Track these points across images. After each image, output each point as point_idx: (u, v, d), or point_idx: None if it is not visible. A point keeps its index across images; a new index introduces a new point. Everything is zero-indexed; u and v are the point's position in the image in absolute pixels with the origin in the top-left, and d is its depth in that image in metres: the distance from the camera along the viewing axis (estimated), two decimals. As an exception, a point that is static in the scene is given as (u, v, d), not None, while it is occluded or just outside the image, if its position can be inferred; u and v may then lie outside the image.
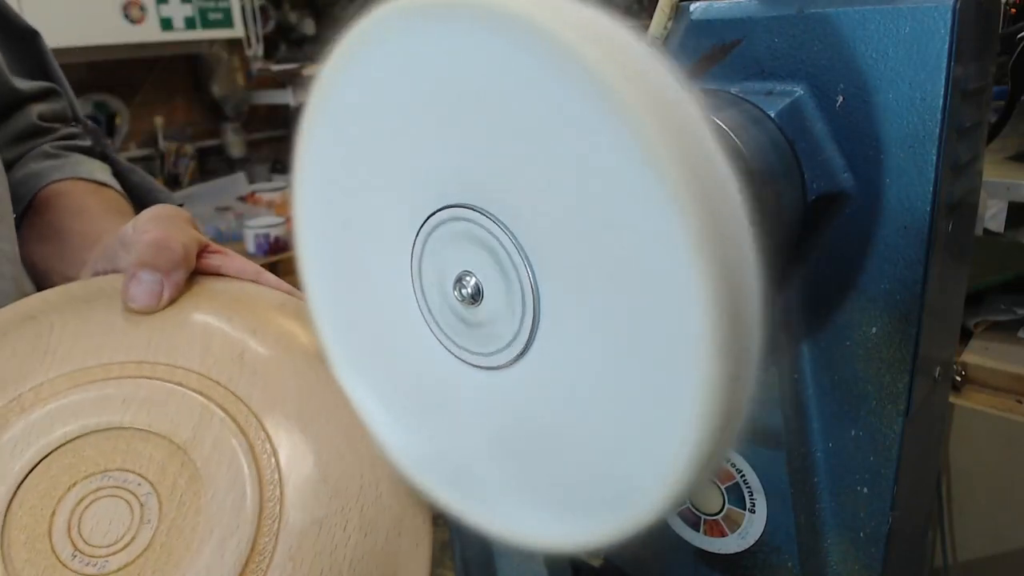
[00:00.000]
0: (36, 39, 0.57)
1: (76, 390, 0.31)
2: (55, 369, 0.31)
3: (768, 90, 0.34)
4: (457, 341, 0.25)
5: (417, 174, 0.24)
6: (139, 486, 0.29)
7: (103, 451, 0.30)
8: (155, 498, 0.29)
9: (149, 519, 0.28)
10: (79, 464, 0.29)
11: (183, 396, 0.31)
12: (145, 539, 0.28)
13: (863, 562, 0.39)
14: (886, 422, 0.35)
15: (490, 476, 0.26)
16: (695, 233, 0.17)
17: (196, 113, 2.44)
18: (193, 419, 0.31)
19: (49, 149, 0.54)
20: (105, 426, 0.30)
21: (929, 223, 0.32)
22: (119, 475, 0.29)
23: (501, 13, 0.19)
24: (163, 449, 0.30)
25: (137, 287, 0.33)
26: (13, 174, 0.52)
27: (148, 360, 0.32)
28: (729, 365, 0.18)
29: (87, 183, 0.53)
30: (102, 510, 0.28)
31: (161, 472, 0.30)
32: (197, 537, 0.28)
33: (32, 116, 0.55)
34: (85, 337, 0.33)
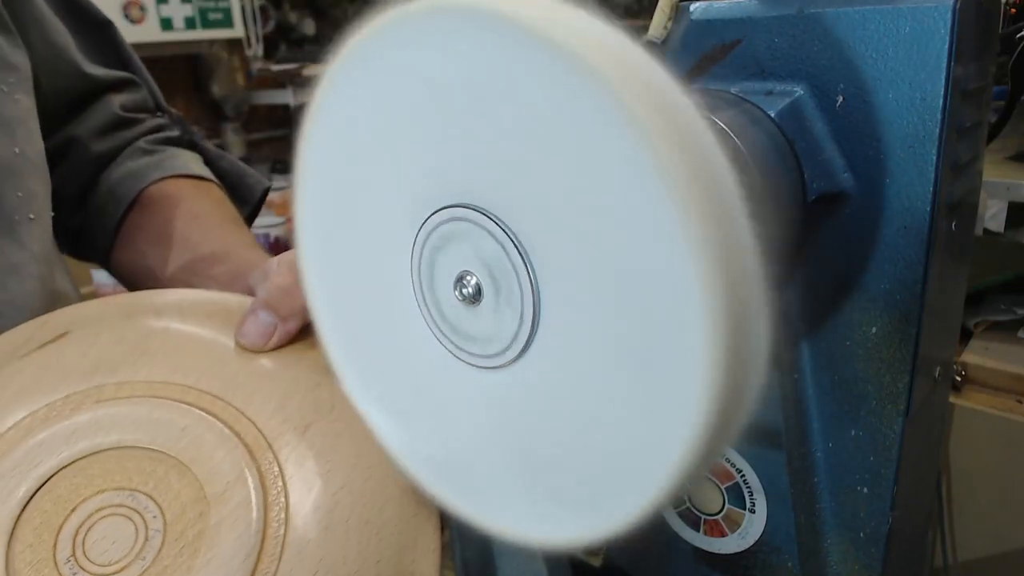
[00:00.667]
0: (111, 29, 0.57)
1: (151, 400, 0.31)
2: (143, 373, 0.32)
3: (768, 90, 0.34)
4: (457, 341, 0.25)
5: (418, 174, 0.24)
6: (154, 518, 0.29)
7: (142, 469, 0.30)
8: (160, 519, 0.29)
9: (152, 536, 0.28)
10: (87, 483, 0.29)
11: (235, 448, 0.31)
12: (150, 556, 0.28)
13: (863, 562, 0.39)
14: (886, 422, 0.35)
15: (490, 474, 0.26)
16: (696, 233, 0.17)
17: (196, 113, 2.44)
18: (232, 475, 0.30)
19: (144, 145, 0.55)
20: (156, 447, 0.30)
21: (929, 223, 0.32)
22: (143, 499, 0.29)
23: (501, 16, 0.19)
24: (192, 492, 0.30)
25: (253, 324, 0.35)
26: (111, 173, 0.53)
27: (223, 398, 0.33)
28: (732, 366, 0.18)
29: (188, 180, 0.53)
30: (107, 529, 0.28)
31: (180, 513, 0.29)
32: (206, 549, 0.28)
33: (114, 106, 0.54)
34: (182, 352, 0.33)
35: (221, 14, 2.12)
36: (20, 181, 0.44)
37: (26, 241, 0.43)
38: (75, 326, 0.34)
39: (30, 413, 0.31)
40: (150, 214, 0.51)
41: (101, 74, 0.54)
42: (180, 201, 0.51)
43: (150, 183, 0.52)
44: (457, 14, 0.20)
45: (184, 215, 0.50)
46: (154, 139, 0.56)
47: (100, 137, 0.53)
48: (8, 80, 0.44)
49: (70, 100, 0.52)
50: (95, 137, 0.53)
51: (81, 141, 0.52)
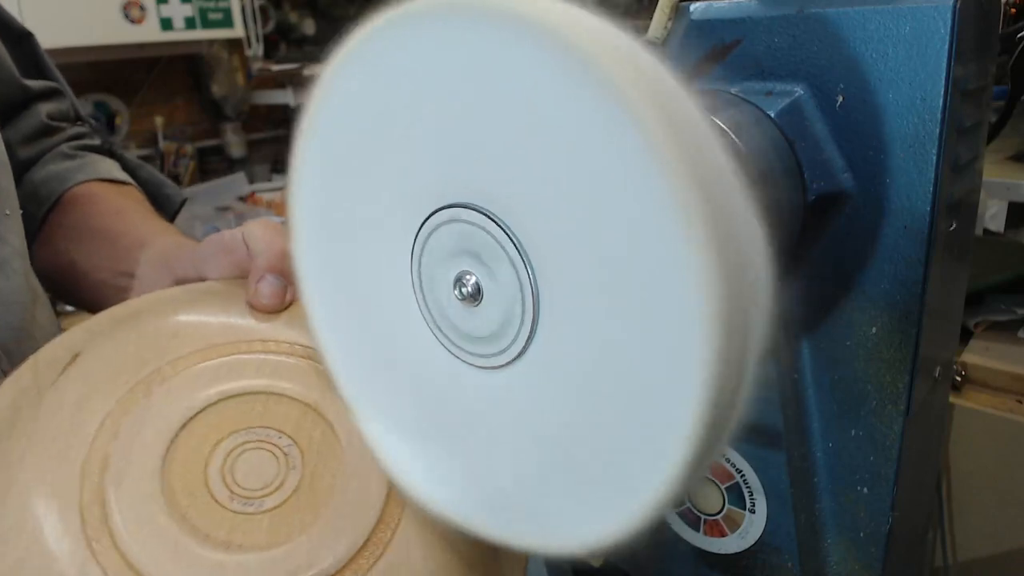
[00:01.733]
0: (30, 40, 0.58)
1: (210, 362, 0.34)
2: (187, 346, 0.34)
3: (768, 90, 0.34)
4: (456, 341, 0.25)
5: (417, 174, 0.24)
6: (280, 439, 0.32)
7: (243, 412, 0.32)
8: (296, 448, 0.32)
9: (295, 465, 0.31)
10: (223, 423, 0.32)
11: (308, 366, 0.35)
12: (293, 482, 0.31)
13: (863, 562, 0.39)
14: (886, 422, 0.35)
15: (490, 475, 0.26)
16: (696, 233, 0.17)
17: (196, 113, 2.44)
18: (321, 383, 0.34)
19: (66, 150, 0.56)
20: (242, 391, 0.33)
21: (929, 223, 0.32)
22: (261, 431, 0.32)
23: (500, 15, 0.19)
24: (296, 408, 0.33)
25: (267, 287, 0.37)
26: (33, 175, 0.54)
27: (273, 339, 0.36)
28: (730, 362, 0.18)
29: (109, 183, 0.55)
30: (251, 460, 0.31)
31: (297, 427, 0.32)
32: (342, 479, 0.31)
33: (41, 115, 0.56)
34: (207, 325, 0.36)
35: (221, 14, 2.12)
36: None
37: (6, 237, 0.44)
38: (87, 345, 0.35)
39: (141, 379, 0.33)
40: (71, 212, 0.53)
41: (34, 85, 0.56)
42: (102, 200, 0.53)
43: (72, 185, 0.53)
44: (456, 12, 0.20)
45: (106, 211, 0.52)
46: (76, 145, 0.57)
47: (26, 143, 0.55)
48: None
49: (4, 107, 0.54)
50: (22, 143, 0.55)
51: (9, 146, 0.52)
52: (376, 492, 0.31)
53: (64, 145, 0.57)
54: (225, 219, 2.08)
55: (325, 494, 0.31)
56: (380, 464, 0.29)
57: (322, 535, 0.29)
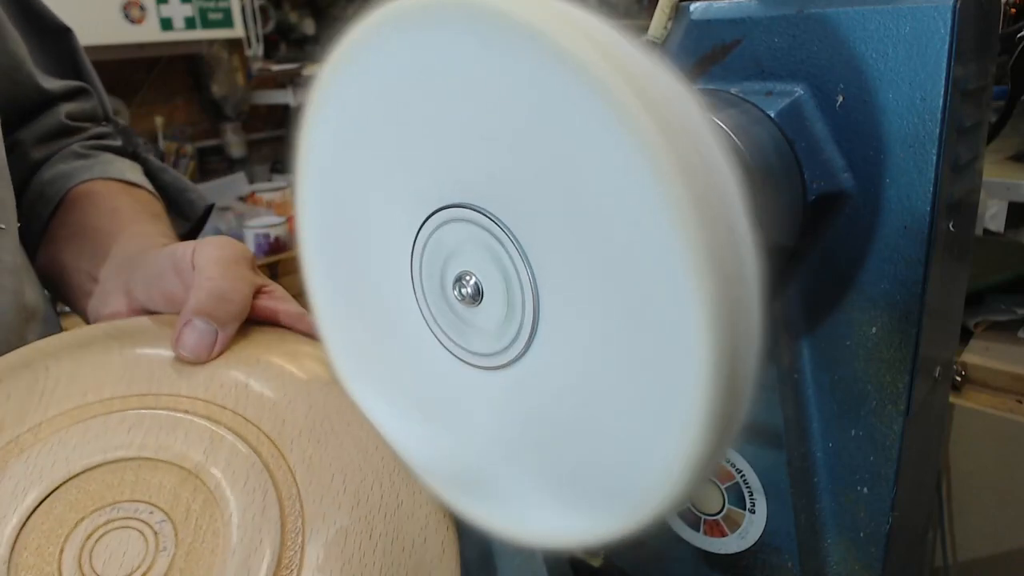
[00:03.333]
0: (68, 36, 0.56)
1: (77, 426, 0.30)
2: (53, 408, 0.31)
3: (768, 90, 0.34)
4: (457, 341, 0.25)
5: (417, 174, 0.24)
6: (151, 514, 0.28)
7: (110, 484, 0.29)
8: (169, 525, 0.28)
9: (165, 546, 0.28)
10: (84, 500, 0.29)
11: (191, 423, 0.31)
12: (163, 566, 0.27)
13: (863, 562, 0.39)
14: (886, 422, 0.35)
15: (491, 474, 0.26)
16: (694, 235, 0.17)
17: (196, 113, 2.44)
18: (203, 443, 0.30)
19: (79, 149, 0.54)
20: (111, 459, 0.29)
21: (929, 223, 0.32)
22: (129, 506, 0.29)
23: (499, 15, 0.19)
24: (174, 475, 0.29)
25: (191, 334, 0.33)
26: (42, 174, 0.52)
27: (151, 392, 0.32)
28: (729, 366, 0.18)
29: (118, 183, 0.52)
30: (114, 543, 0.28)
31: (174, 499, 0.29)
32: (219, 559, 0.28)
33: (60, 115, 0.54)
34: (82, 377, 0.32)
35: (221, 14, 2.12)
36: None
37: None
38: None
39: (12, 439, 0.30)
40: (72, 211, 0.50)
41: (54, 87, 0.54)
42: (100, 198, 0.50)
43: (78, 183, 0.51)
44: (455, 11, 0.20)
45: (100, 210, 0.49)
46: (90, 144, 0.55)
47: (39, 144, 0.53)
48: None
49: (22, 109, 0.52)
50: (35, 144, 0.53)
51: (22, 146, 0.51)
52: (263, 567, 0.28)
53: (77, 144, 0.54)
54: (225, 219, 2.08)
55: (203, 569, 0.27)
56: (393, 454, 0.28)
57: None
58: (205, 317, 0.33)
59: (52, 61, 0.55)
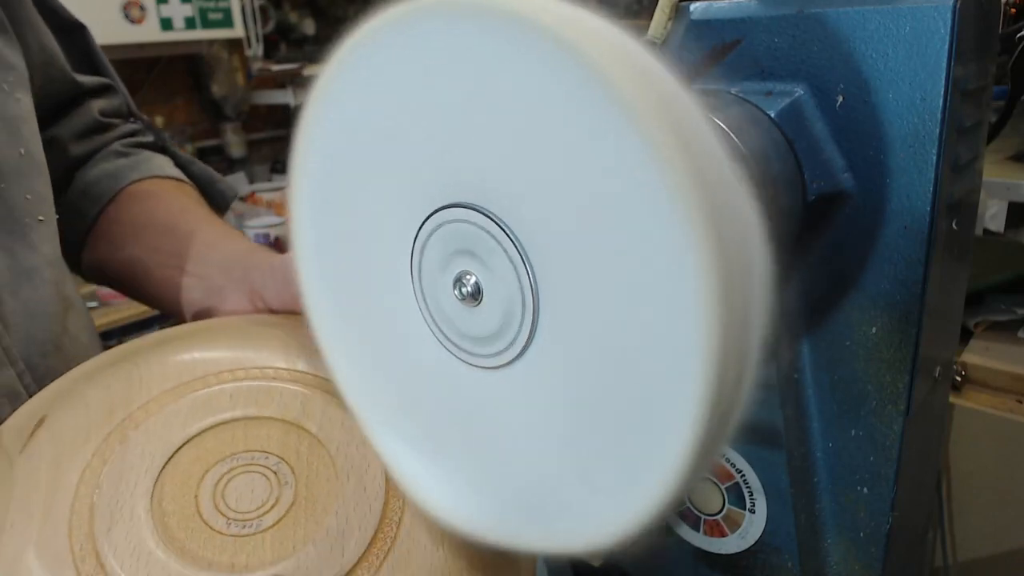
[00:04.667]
0: (83, 32, 0.57)
1: (182, 400, 0.34)
2: (155, 389, 0.34)
3: (768, 90, 0.34)
4: (457, 341, 0.25)
5: (416, 173, 0.24)
6: (266, 459, 0.32)
7: (224, 441, 0.32)
8: (285, 464, 0.32)
9: (287, 481, 0.31)
10: (205, 455, 0.32)
11: (282, 388, 0.35)
12: (289, 496, 0.31)
13: (863, 562, 0.39)
14: (886, 422, 0.35)
15: (491, 475, 0.26)
16: (697, 235, 0.17)
17: (196, 113, 2.44)
18: (297, 400, 0.34)
19: (119, 148, 0.56)
20: (219, 421, 0.33)
21: (929, 223, 0.32)
22: (245, 455, 0.32)
23: (499, 14, 0.19)
24: (278, 428, 0.33)
25: None
26: (85, 173, 0.53)
27: (241, 367, 0.36)
28: (729, 369, 0.18)
29: (168, 180, 0.55)
30: (241, 485, 0.31)
31: (283, 445, 0.33)
32: (337, 483, 0.31)
33: (94, 112, 0.55)
34: (171, 366, 0.36)
35: (221, 14, 2.12)
36: (28, 183, 0.43)
37: (37, 244, 0.43)
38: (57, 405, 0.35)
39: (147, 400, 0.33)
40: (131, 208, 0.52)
41: (86, 80, 0.55)
42: (163, 196, 0.53)
43: (129, 183, 0.53)
44: (453, 11, 0.20)
45: (169, 208, 0.52)
46: (128, 143, 0.57)
47: (78, 140, 0.54)
48: (8, 79, 0.44)
49: (57, 103, 0.53)
50: (74, 140, 0.54)
51: (60, 142, 0.53)
52: (374, 490, 0.31)
53: (117, 143, 0.56)
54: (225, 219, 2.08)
55: (324, 502, 0.31)
56: (388, 470, 0.29)
57: (328, 541, 0.29)
58: None
59: (72, 57, 0.56)
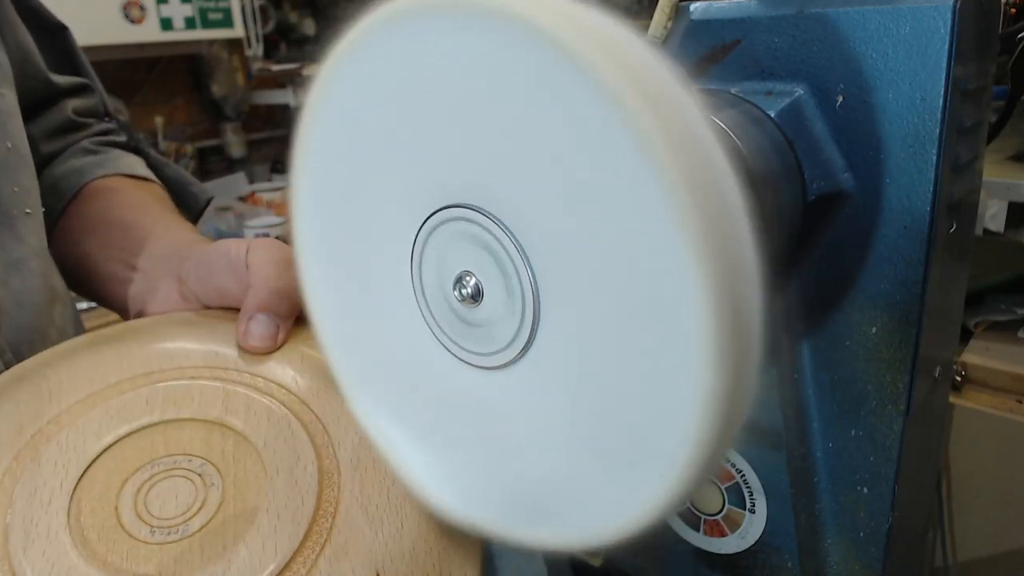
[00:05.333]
0: (65, 33, 0.57)
1: (95, 409, 0.32)
2: (66, 401, 0.33)
3: (768, 90, 0.34)
4: (457, 341, 0.25)
5: (416, 174, 0.24)
6: (189, 462, 0.31)
7: (143, 448, 0.31)
8: (210, 466, 0.31)
9: (213, 482, 0.30)
10: (123, 464, 0.31)
11: (202, 386, 0.33)
12: (216, 497, 0.30)
13: (863, 562, 0.39)
14: (886, 422, 0.35)
15: (491, 475, 0.26)
16: (695, 235, 0.17)
17: (196, 113, 2.44)
18: (218, 397, 0.33)
19: (88, 145, 0.55)
20: (136, 427, 0.32)
21: (929, 223, 0.32)
22: (166, 460, 0.31)
23: (499, 13, 0.19)
24: (200, 428, 0.32)
25: (257, 327, 0.36)
26: (53, 169, 0.53)
27: (155, 370, 0.34)
28: (730, 367, 0.18)
29: (132, 179, 0.54)
30: (164, 490, 0.30)
31: (206, 445, 0.31)
32: (266, 479, 0.30)
33: (67, 111, 0.55)
34: (83, 374, 0.34)
35: (221, 14, 2.12)
36: (15, 176, 0.44)
37: (25, 236, 0.43)
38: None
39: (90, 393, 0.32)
40: (90, 205, 0.52)
41: (61, 81, 0.55)
42: (121, 193, 0.52)
43: (93, 179, 0.53)
44: (450, 11, 0.20)
45: (124, 203, 0.51)
46: (99, 141, 0.57)
47: (50, 138, 0.55)
48: None
49: (32, 102, 0.53)
50: (45, 138, 0.54)
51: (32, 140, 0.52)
52: (306, 482, 0.30)
53: (87, 140, 0.56)
54: (225, 219, 2.08)
55: (253, 500, 0.30)
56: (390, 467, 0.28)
57: (260, 538, 0.29)
58: (268, 312, 0.36)
59: (53, 58, 0.56)
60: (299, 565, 0.28)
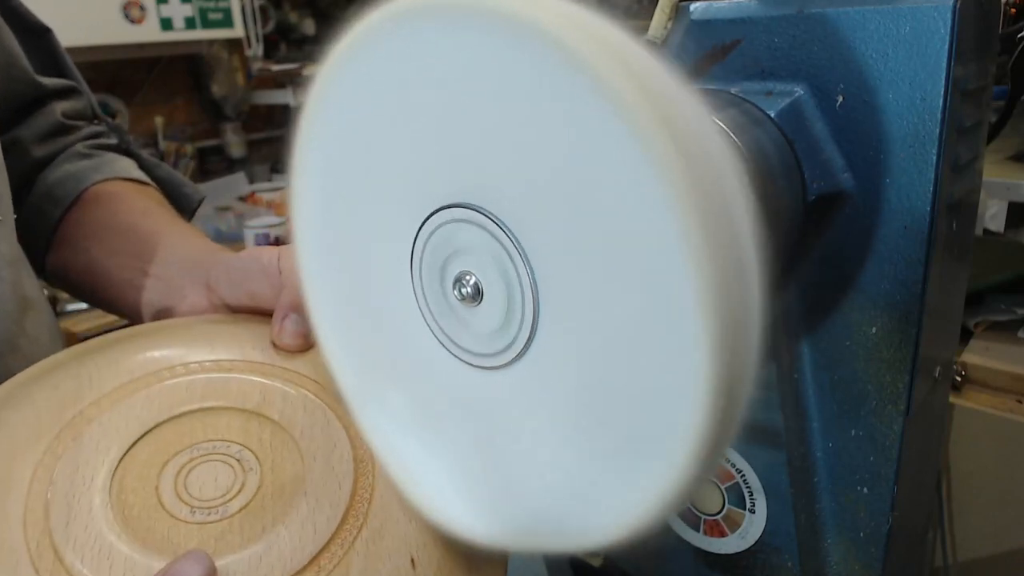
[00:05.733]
0: (49, 36, 0.57)
1: (137, 394, 0.33)
2: (107, 385, 0.33)
3: (768, 90, 0.34)
4: (456, 341, 0.25)
5: (416, 174, 0.24)
6: (228, 448, 0.32)
7: (183, 432, 0.32)
8: (248, 451, 0.32)
9: (251, 467, 0.31)
10: (164, 447, 0.31)
11: (240, 378, 0.34)
12: (255, 481, 0.30)
13: (863, 562, 0.39)
14: (886, 422, 0.35)
15: (491, 475, 0.26)
16: (695, 235, 0.17)
17: (196, 113, 2.44)
18: (256, 389, 0.34)
19: (82, 149, 0.55)
20: (177, 413, 0.32)
21: (929, 223, 0.32)
22: (205, 445, 0.32)
23: (499, 14, 0.19)
24: (238, 417, 0.33)
25: (291, 325, 0.37)
26: (48, 175, 0.53)
27: (196, 361, 0.35)
28: (728, 367, 0.18)
29: (131, 182, 0.55)
30: (204, 474, 0.31)
31: (244, 432, 0.32)
32: (304, 465, 0.31)
33: (56, 114, 0.55)
34: (123, 363, 0.35)
35: (221, 14, 2.12)
36: None
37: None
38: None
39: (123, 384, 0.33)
40: (92, 210, 0.52)
41: (49, 82, 0.55)
42: (125, 198, 0.52)
43: (91, 184, 0.52)
44: (450, 12, 0.20)
45: (130, 209, 0.51)
46: (92, 144, 0.57)
47: (41, 142, 0.54)
48: None
49: (19, 105, 0.53)
50: (36, 142, 0.54)
51: (22, 144, 0.53)
52: (343, 469, 0.31)
53: (80, 144, 0.56)
54: (225, 219, 2.08)
55: (292, 484, 0.30)
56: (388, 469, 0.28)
57: (299, 520, 0.29)
58: (300, 311, 0.36)
59: (38, 60, 0.56)
60: (337, 547, 0.29)
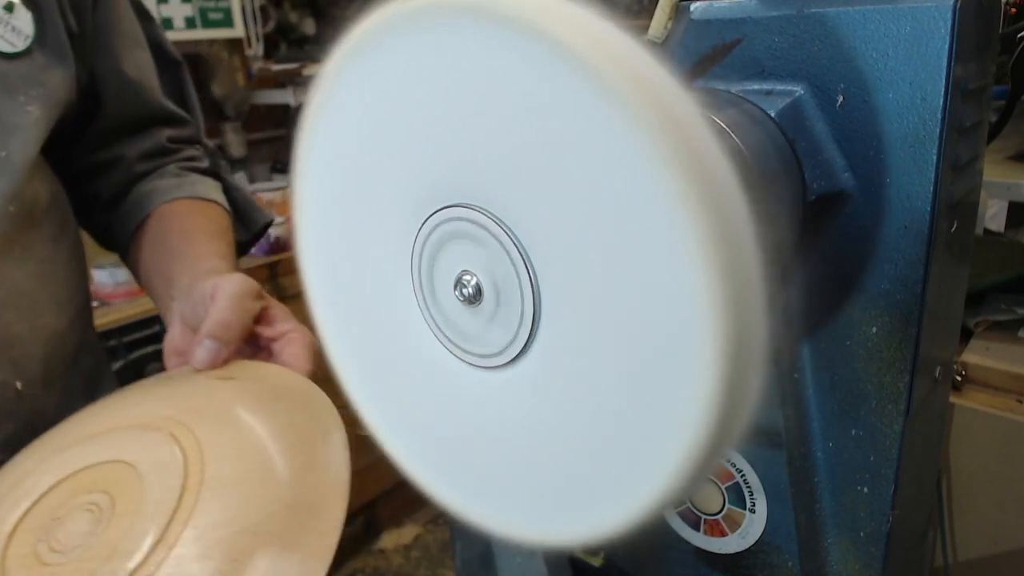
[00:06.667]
0: (180, 68, 0.67)
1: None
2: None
3: (768, 90, 0.34)
4: (457, 340, 0.25)
5: (418, 174, 0.24)
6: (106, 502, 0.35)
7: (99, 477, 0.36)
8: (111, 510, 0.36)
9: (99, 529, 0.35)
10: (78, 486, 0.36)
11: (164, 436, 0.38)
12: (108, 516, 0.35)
13: (863, 562, 0.39)
14: (886, 422, 0.35)
15: (491, 475, 0.26)
16: (699, 234, 0.17)
17: (196, 113, 2.44)
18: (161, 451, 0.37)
19: (174, 170, 0.64)
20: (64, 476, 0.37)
21: (929, 223, 0.32)
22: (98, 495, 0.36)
23: (500, 15, 0.19)
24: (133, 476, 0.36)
25: (201, 351, 0.44)
26: (140, 186, 0.62)
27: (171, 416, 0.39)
28: (732, 368, 0.18)
29: (199, 201, 0.63)
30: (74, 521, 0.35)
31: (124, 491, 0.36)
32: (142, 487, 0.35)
33: (162, 138, 0.64)
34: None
35: (221, 14, 2.12)
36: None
37: None
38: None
39: None
40: (157, 225, 0.60)
41: (162, 109, 0.64)
42: (177, 218, 0.60)
43: (167, 201, 0.61)
44: (451, 13, 0.20)
45: (177, 229, 0.59)
46: (184, 166, 0.65)
47: (142, 160, 0.63)
48: (30, 93, 0.51)
49: (131, 123, 0.62)
50: (139, 159, 0.63)
51: (127, 160, 0.62)
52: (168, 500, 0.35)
53: (173, 165, 0.64)
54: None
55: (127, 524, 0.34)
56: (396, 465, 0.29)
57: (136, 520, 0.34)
58: (213, 338, 0.44)
59: (165, 87, 0.64)
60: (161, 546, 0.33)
